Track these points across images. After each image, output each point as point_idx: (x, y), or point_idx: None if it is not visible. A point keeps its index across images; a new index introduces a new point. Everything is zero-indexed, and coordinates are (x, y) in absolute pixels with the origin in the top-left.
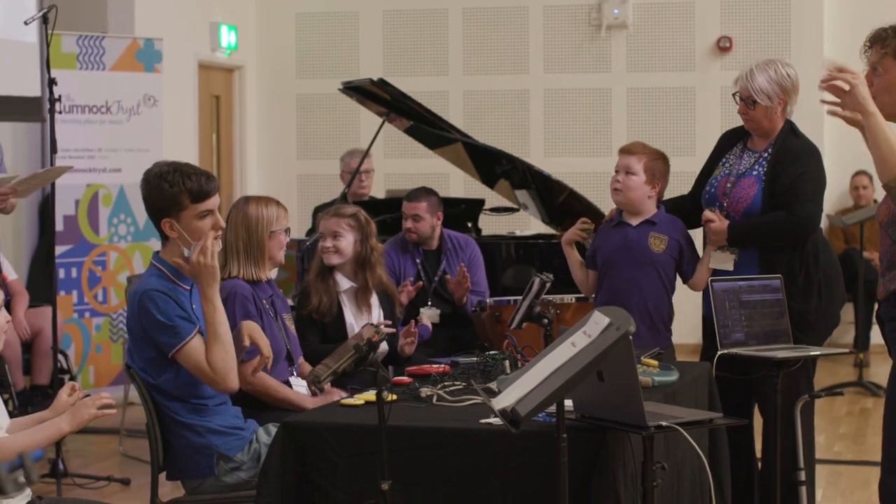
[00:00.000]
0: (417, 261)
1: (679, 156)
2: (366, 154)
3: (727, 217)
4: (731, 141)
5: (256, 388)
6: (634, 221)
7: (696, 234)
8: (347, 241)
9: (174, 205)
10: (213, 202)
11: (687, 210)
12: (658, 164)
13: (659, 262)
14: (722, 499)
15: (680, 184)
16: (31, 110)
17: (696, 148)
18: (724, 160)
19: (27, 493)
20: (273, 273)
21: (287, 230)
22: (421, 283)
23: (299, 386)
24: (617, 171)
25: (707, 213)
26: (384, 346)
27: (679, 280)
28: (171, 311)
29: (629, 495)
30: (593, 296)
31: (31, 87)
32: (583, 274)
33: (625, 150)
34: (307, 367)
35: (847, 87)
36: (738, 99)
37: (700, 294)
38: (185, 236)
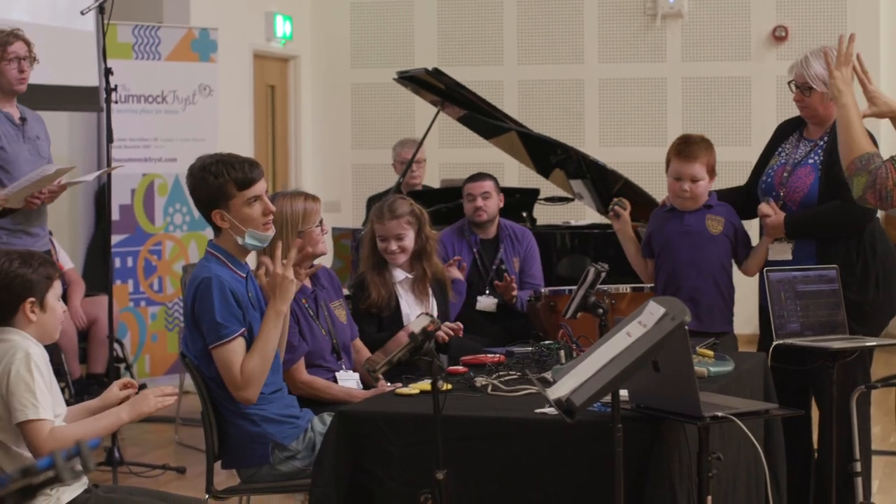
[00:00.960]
0: (474, 249)
1: (734, 146)
2: (420, 143)
3: (784, 207)
4: (787, 131)
5: (305, 392)
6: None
7: (752, 226)
8: (410, 239)
9: (222, 195)
10: (260, 187)
11: (742, 201)
12: (712, 155)
13: (717, 242)
14: (777, 490)
15: (735, 173)
16: (89, 100)
17: (751, 138)
18: (780, 149)
19: (83, 481)
20: (323, 261)
21: (320, 223)
22: (465, 264)
23: (348, 380)
24: (679, 179)
25: (763, 208)
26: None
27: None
28: (226, 306)
29: (684, 486)
30: (652, 284)
31: (88, 76)
32: (641, 263)
33: (685, 157)
34: (365, 352)
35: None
36: (793, 87)
37: (756, 284)
38: (236, 225)
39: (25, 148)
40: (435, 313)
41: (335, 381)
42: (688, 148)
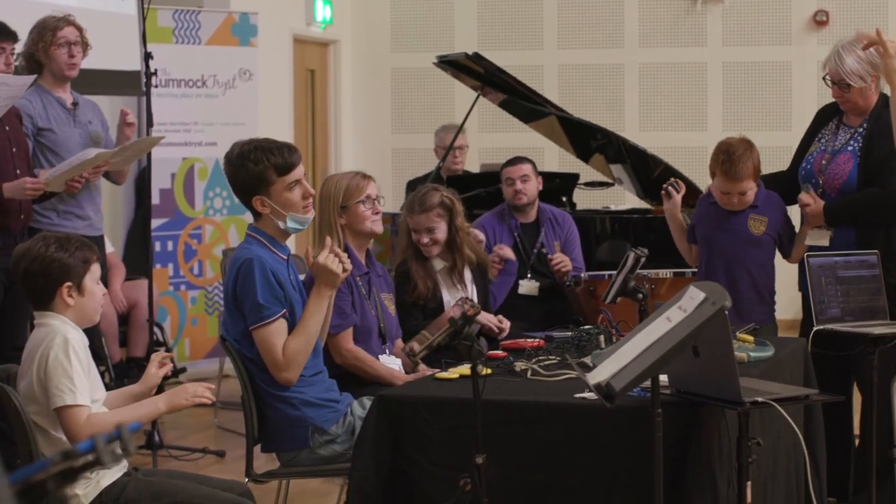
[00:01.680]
0: (515, 234)
1: (775, 131)
2: (459, 130)
3: (823, 195)
4: (827, 116)
5: (349, 361)
6: None
7: (794, 211)
8: (442, 231)
9: (262, 182)
10: (299, 172)
11: (785, 187)
12: (756, 158)
13: (759, 243)
14: (817, 476)
15: (775, 158)
16: (130, 84)
17: (791, 123)
18: (819, 136)
19: (123, 465)
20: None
21: (366, 199)
22: (511, 254)
23: (391, 364)
24: (726, 193)
25: (802, 197)
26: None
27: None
28: (268, 287)
29: (724, 471)
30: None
31: (129, 60)
32: (686, 246)
33: (732, 178)
34: (400, 342)
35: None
36: (829, 82)
37: (795, 269)
38: (277, 210)
39: (76, 132)
40: (475, 300)
41: None
42: (733, 168)
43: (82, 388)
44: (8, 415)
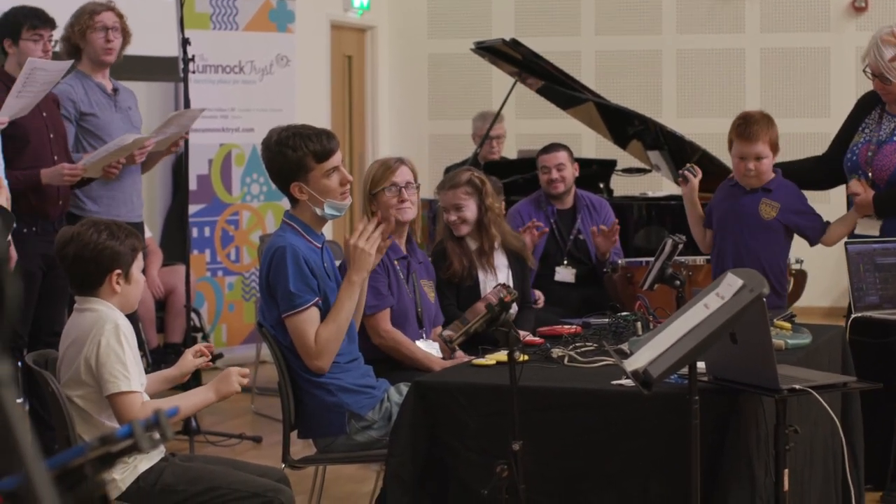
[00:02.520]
0: (552, 220)
1: (813, 117)
2: (496, 118)
3: (872, 185)
4: (868, 105)
5: (387, 342)
6: (748, 186)
7: (833, 197)
8: (471, 210)
9: (300, 168)
10: (337, 158)
11: (821, 172)
12: (774, 131)
13: (769, 227)
14: (855, 464)
15: (813, 145)
16: (167, 70)
17: (830, 109)
18: (862, 126)
19: (161, 450)
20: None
21: (392, 186)
22: (545, 228)
23: (429, 349)
24: (743, 158)
25: (853, 186)
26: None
27: (805, 243)
28: (300, 275)
29: (761, 459)
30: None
31: (167, 46)
32: (700, 231)
33: (747, 138)
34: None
35: None
36: (869, 74)
37: (833, 257)
38: (315, 196)
39: (118, 117)
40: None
41: None
42: (749, 128)
43: (135, 375)
44: (46, 400)
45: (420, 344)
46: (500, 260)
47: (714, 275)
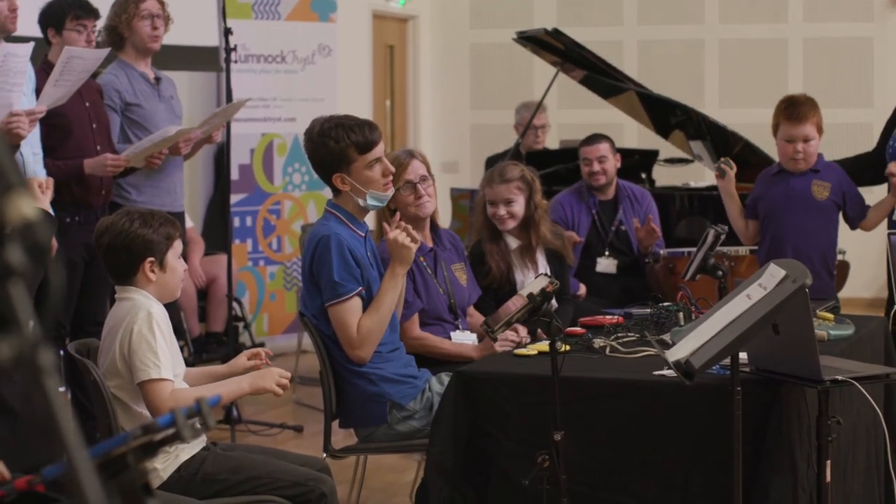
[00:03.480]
0: (593, 211)
1: (856, 107)
2: (538, 107)
3: None
4: None
5: (416, 348)
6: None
7: (880, 193)
8: (519, 205)
9: (342, 159)
10: (379, 150)
11: (872, 166)
12: (819, 114)
13: (823, 208)
14: None
15: (857, 135)
16: (208, 60)
17: (873, 100)
18: None
19: (202, 439)
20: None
21: (405, 185)
22: (581, 240)
23: (464, 340)
24: (791, 141)
25: (892, 167)
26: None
27: (849, 233)
28: (344, 265)
29: (803, 450)
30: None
31: (208, 36)
32: (742, 223)
33: (795, 119)
34: (479, 317)
35: None
36: None
37: (876, 245)
38: (357, 187)
39: (161, 107)
40: None
41: (450, 339)
42: (797, 110)
43: (166, 363)
44: (88, 389)
45: (456, 335)
46: (541, 258)
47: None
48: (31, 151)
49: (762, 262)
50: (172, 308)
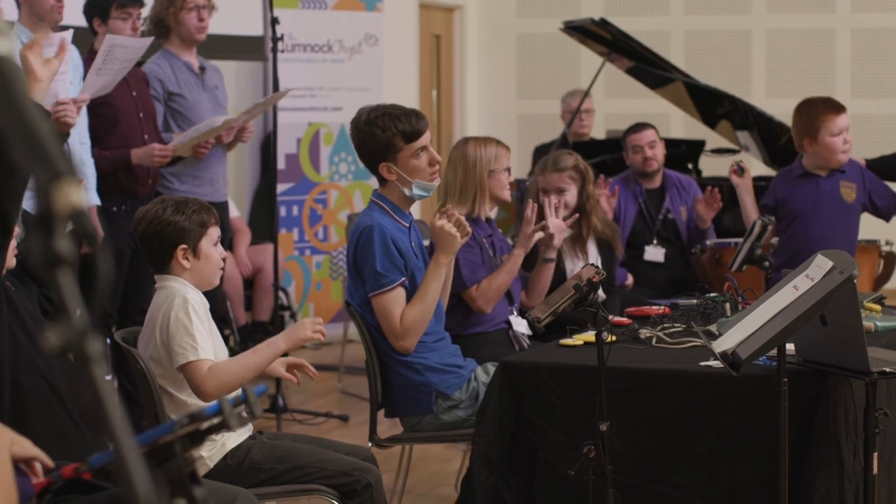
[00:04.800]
0: (640, 199)
1: None
2: (586, 93)
3: None
4: None
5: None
6: (823, 172)
7: None
8: (572, 194)
9: (389, 148)
10: (426, 138)
11: None
12: None
13: (851, 210)
14: None
15: None
16: (254, 49)
17: None
18: None
19: (248, 428)
20: (493, 213)
21: (507, 169)
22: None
23: (519, 325)
24: (838, 134)
25: None
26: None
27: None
28: (387, 255)
29: (850, 441)
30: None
31: (254, 26)
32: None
33: (839, 110)
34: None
35: None
36: None
37: None
38: (404, 177)
39: (205, 96)
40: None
41: (509, 324)
42: (833, 102)
43: (204, 344)
44: (134, 377)
45: (512, 319)
46: (591, 248)
47: (789, 264)
48: (79, 140)
49: (784, 263)
50: (218, 297)
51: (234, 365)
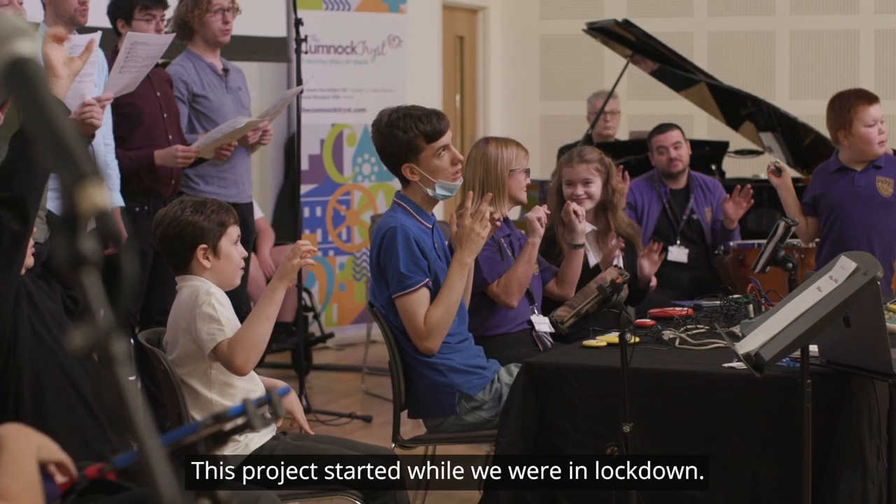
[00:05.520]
0: (664, 200)
1: None
2: (610, 94)
3: None
4: None
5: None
6: (859, 167)
7: None
8: (597, 186)
9: (411, 149)
10: (447, 138)
11: None
12: None
13: (889, 205)
14: None
15: None
16: (278, 50)
17: None
18: None
19: (272, 429)
20: (514, 213)
21: (527, 171)
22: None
23: (541, 324)
24: (872, 125)
25: None
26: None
27: None
28: (410, 256)
29: (874, 443)
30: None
31: (277, 27)
32: (802, 221)
33: (872, 100)
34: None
35: None
36: None
37: None
38: (426, 177)
39: (229, 98)
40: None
41: (531, 324)
42: (865, 92)
43: (228, 325)
44: (158, 378)
45: (534, 319)
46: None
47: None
48: (103, 141)
49: (825, 259)
50: (242, 298)
51: (248, 329)
